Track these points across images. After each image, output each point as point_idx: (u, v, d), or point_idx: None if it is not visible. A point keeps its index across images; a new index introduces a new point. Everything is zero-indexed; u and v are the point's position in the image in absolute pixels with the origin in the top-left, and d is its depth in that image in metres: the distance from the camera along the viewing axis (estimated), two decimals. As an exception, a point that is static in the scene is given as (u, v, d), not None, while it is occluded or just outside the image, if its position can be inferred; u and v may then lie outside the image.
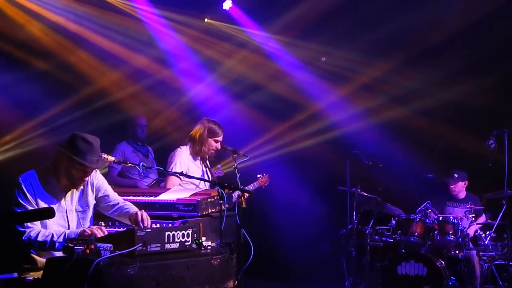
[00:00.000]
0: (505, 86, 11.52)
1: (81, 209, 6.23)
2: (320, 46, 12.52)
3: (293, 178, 12.15)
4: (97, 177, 6.40)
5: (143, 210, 6.23)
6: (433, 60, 11.92)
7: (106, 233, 5.67)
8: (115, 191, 6.65)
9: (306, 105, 12.82)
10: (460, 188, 11.04)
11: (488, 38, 11.29)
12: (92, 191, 6.33)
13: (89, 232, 5.59)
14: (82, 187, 6.23)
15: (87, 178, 6.11)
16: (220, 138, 8.46)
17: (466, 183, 11.10)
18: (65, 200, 6.09)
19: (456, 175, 10.99)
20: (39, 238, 5.73)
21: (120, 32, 11.02)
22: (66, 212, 6.05)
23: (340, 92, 12.77)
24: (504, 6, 10.76)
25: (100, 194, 6.40)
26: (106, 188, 6.47)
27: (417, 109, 12.26)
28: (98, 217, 6.47)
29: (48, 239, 5.72)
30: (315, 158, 12.50)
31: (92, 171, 6.14)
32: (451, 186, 11.02)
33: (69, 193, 6.12)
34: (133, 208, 6.36)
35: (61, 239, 5.70)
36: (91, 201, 6.33)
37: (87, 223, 6.22)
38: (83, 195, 6.26)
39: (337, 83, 12.74)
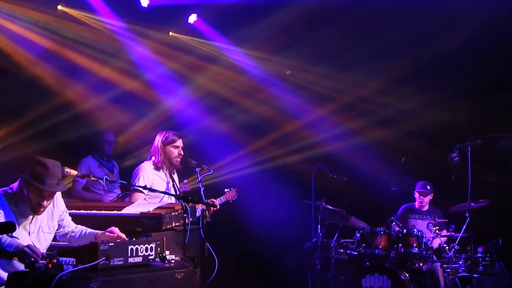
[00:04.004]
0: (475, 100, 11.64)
1: (48, 231, 6.19)
2: (296, 62, 12.54)
3: (260, 192, 12.13)
4: (61, 202, 6.37)
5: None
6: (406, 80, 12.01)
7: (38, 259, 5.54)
8: (78, 206, 6.62)
9: (279, 122, 12.79)
10: (427, 201, 11.13)
11: (474, 62, 11.48)
12: (57, 215, 6.30)
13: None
14: (51, 209, 6.19)
15: (45, 203, 5.99)
16: (178, 143, 8.42)
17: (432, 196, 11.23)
18: (30, 223, 6.04)
19: (428, 187, 11.09)
20: None
21: (85, 43, 10.96)
22: (29, 235, 5.99)
23: (320, 110, 12.77)
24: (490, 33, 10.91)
25: (62, 221, 6.38)
26: (65, 213, 6.45)
27: (380, 122, 12.35)
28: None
29: None
30: (283, 172, 12.51)
31: (50, 196, 6.03)
32: (423, 198, 11.09)
33: (35, 216, 6.07)
34: (92, 230, 6.39)
35: None
36: (55, 224, 6.30)
37: (47, 245, 6.17)
38: (49, 218, 6.22)
39: (314, 100, 12.75)
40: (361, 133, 12.50)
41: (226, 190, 9.97)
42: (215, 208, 8.55)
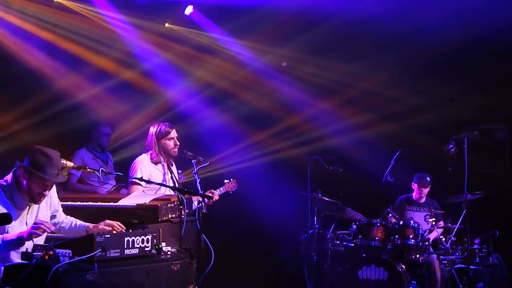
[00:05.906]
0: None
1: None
2: (296, 54, 12.46)
3: (256, 184, 12.10)
4: (55, 194, 6.38)
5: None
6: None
7: (52, 228, 5.67)
8: (74, 197, 6.61)
9: (279, 115, 12.72)
10: (425, 192, 11.09)
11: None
12: (50, 205, 6.29)
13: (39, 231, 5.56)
14: (47, 199, 6.19)
15: (46, 192, 6.02)
16: (173, 134, 8.38)
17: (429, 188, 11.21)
18: (27, 214, 6.04)
19: (428, 179, 11.05)
20: None
21: (82, 34, 10.91)
22: (27, 226, 5.98)
23: (320, 103, 12.71)
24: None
25: (53, 212, 6.37)
26: (58, 205, 6.47)
27: (381, 114, 12.34)
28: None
29: None
30: (280, 164, 12.49)
31: (52, 185, 6.07)
32: (422, 189, 11.04)
33: (32, 207, 6.07)
34: (83, 223, 6.41)
35: None
36: (49, 214, 6.30)
37: (45, 235, 6.17)
38: (45, 208, 6.21)
39: (314, 92, 12.70)
40: (359, 126, 12.46)
41: (225, 181, 9.95)
42: (212, 200, 8.55)
